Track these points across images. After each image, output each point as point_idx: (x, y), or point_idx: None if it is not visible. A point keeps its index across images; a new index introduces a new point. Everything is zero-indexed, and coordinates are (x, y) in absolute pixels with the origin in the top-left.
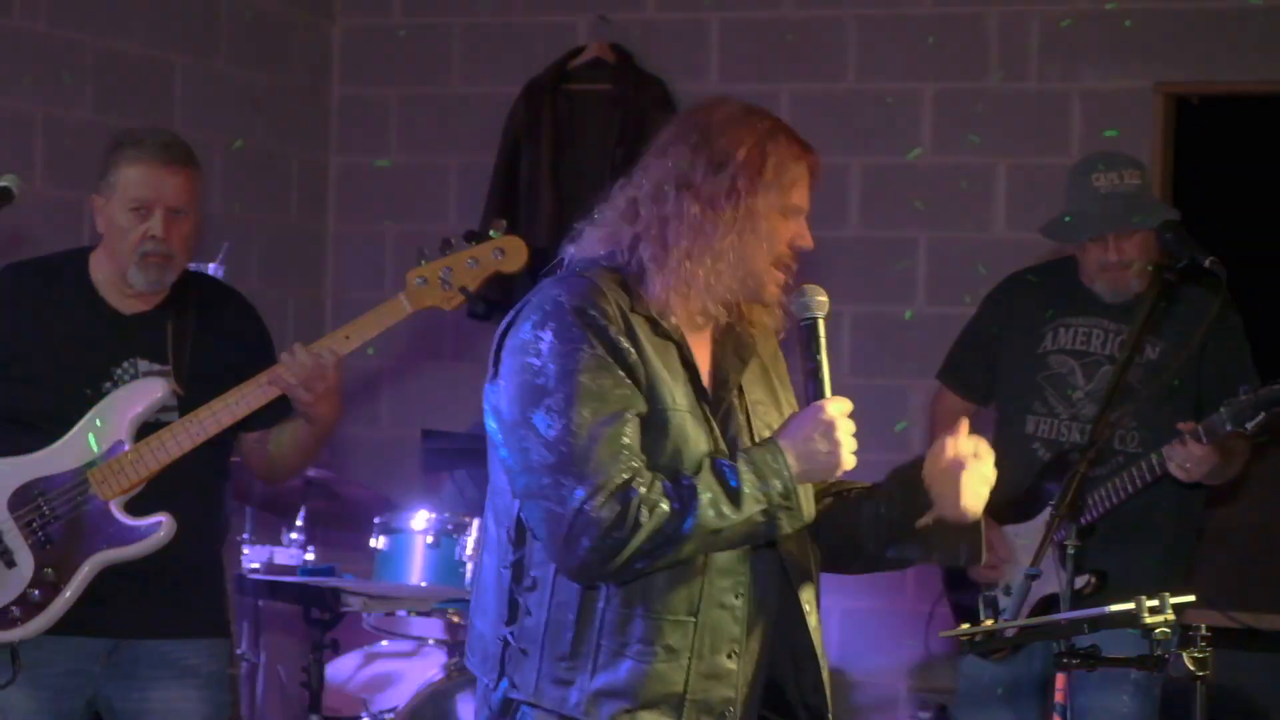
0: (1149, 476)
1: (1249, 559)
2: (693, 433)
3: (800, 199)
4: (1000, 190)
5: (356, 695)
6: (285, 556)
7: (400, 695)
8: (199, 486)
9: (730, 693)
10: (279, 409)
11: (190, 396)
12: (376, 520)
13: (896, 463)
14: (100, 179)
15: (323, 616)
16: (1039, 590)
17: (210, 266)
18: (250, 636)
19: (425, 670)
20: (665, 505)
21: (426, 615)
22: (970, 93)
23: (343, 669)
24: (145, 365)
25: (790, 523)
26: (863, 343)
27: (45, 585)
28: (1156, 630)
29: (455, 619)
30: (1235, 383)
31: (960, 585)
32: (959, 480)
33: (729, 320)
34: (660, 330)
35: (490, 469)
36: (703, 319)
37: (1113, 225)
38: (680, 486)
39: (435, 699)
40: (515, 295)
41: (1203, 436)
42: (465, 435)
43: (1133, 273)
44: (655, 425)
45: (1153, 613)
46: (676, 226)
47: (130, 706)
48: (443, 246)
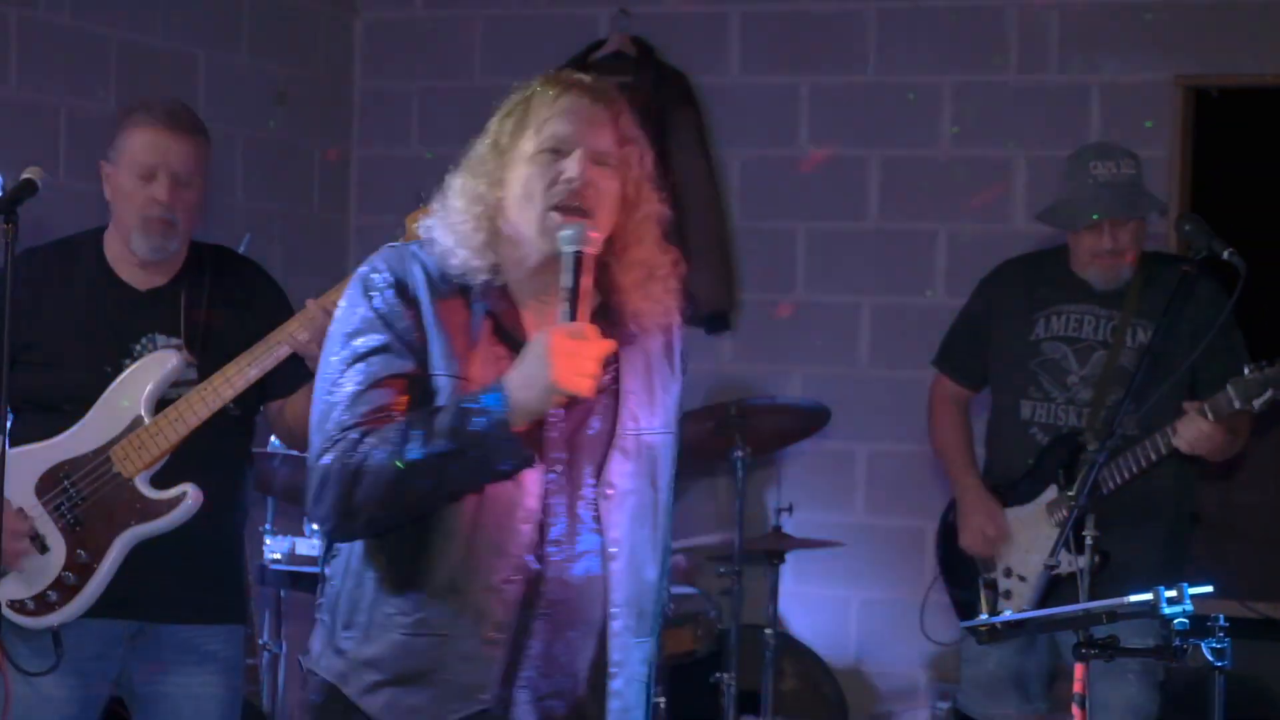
0: (1154, 455)
1: (1267, 548)
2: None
3: (559, 131)
4: (1020, 182)
5: None
6: (307, 547)
7: None
8: (221, 464)
9: (483, 678)
10: (295, 374)
11: (206, 366)
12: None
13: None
14: (110, 147)
15: None
16: (1040, 580)
17: None
18: (272, 627)
19: None
20: (379, 446)
21: None
22: (990, 85)
23: None
24: (163, 340)
25: (509, 458)
26: (882, 334)
27: (79, 567)
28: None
29: None
30: (1230, 363)
31: (956, 571)
32: None
33: (615, 315)
34: (471, 302)
35: None
36: (484, 264)
37: (1110, 212)
38: (400, 429)
39: None
40: None
41: (1208, 413)
42: None
43: (1125, 259)
44: (426, 388)
45: (1171, 603)
46: (465, 189)
47: (152, 690)
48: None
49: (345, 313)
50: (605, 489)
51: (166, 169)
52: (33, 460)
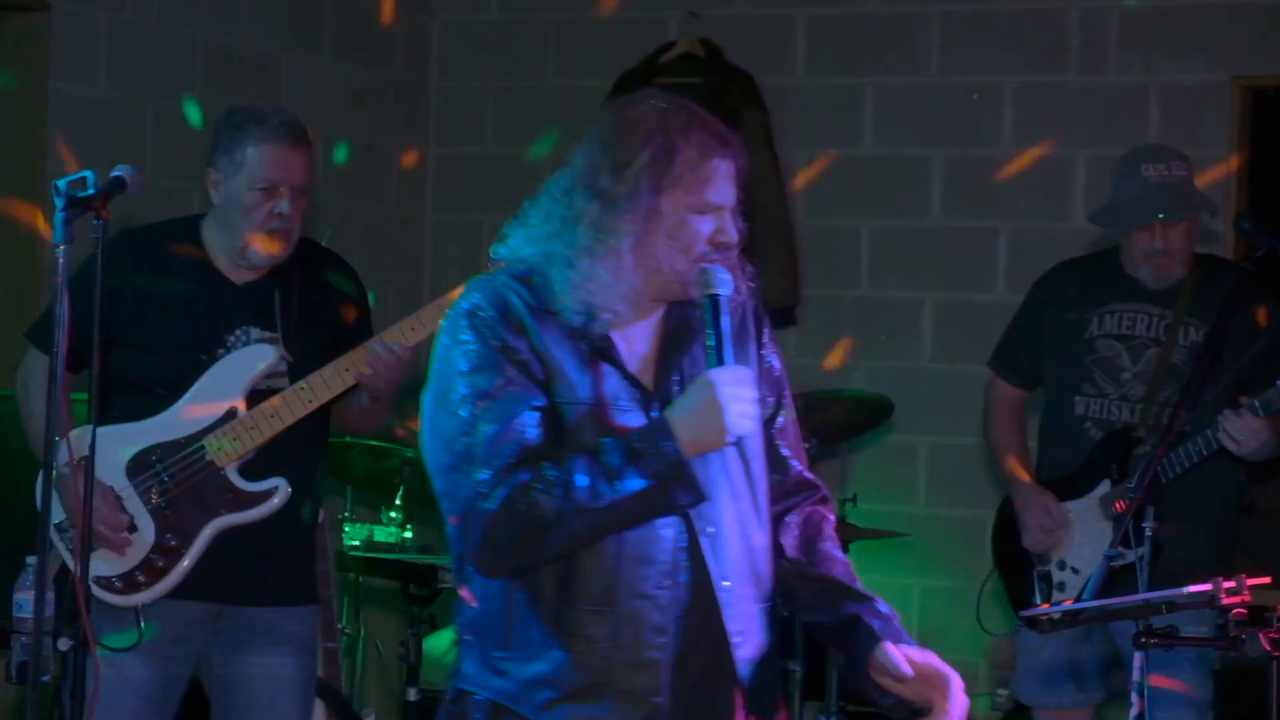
0: (1206, 451)
1: None
2: (598, 425)
3: (716, 195)
4: (1079, 181)
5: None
6: (384, 534)
7: None
8: (301, 454)
9: (653, 682)
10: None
11: (299, 362)
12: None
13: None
14: (219, 154)
15: (421, 592)
16: (1095, 563)
17: None
18: (351, 612)
19: None
20: (547, 491)
21: None
22: (1050, 86)
23: (440, 643)
24: (257, 333)
25: (687, 494)
26: (943, 330)
27: (167, 550)
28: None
29: None
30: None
31: (1011, 563)
32: (944, 692)
33: (679, 304)
34: (569, 328)
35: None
36: (609, 315)
37: (1161, 213)
38: (562, 470)
39: None
40: None
41: (1259, 410)
42: None
43: (1177, 259)
44: (557, 419)
45: (1229, 594)
46: (581, 226)
47: (231, 672)
48: None
49: (457, 350)
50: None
51: (288, 183)
52: (124, 440)
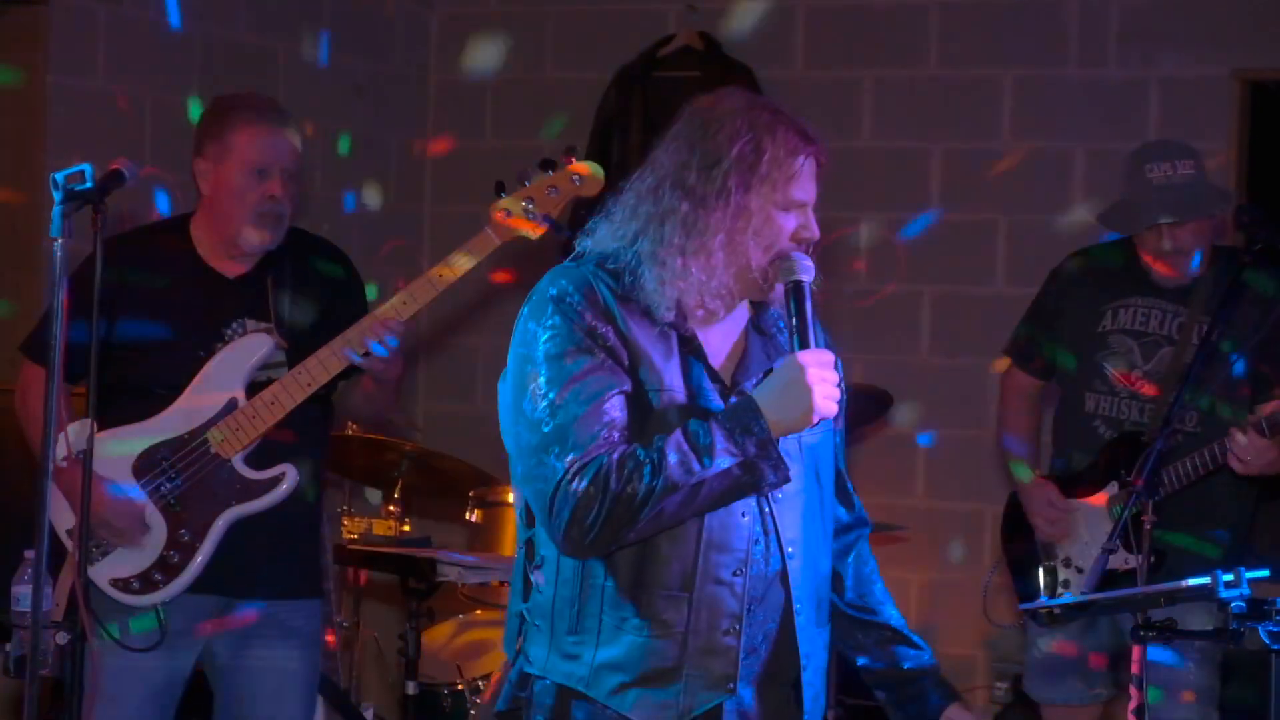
0: (1212, 464)
1: None
2: (683, 411)
3: (801, 193)
4: (1078, 175)
5: (451, 662)
6: (383, 528)
7: (493, 663)
8: (305, 444)
9: (729, 668)
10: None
11: (294, 349)
12: (471, 493)
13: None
14: (207, 142)
15: (419, 586)
16: (1098, 564)
17: None
18: (349, 605)
19: None
20: (637, 469)
21: None
22: (1049, 79)
23: (438, 637)
24: (252, 324)
25: (775, 472)
26: (942, 323)
27: (182, 545)
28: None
29: None
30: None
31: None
32: None
33: (759, 305)
34: (655, 319)
35: (510, 461)
36: (702, 313)
37: (1163, 216)
38: (651, 450)
39: None
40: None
41: (1265, 430)
42: None
43: (1189, 259)
44: (642, 404)
45: (1229, 587)
46: (671, 223)
47: (236, 663)
48: (520, 178)
49: (543, 334)
50: (777, 493)
51: (279, 165)
52: (129, 441)
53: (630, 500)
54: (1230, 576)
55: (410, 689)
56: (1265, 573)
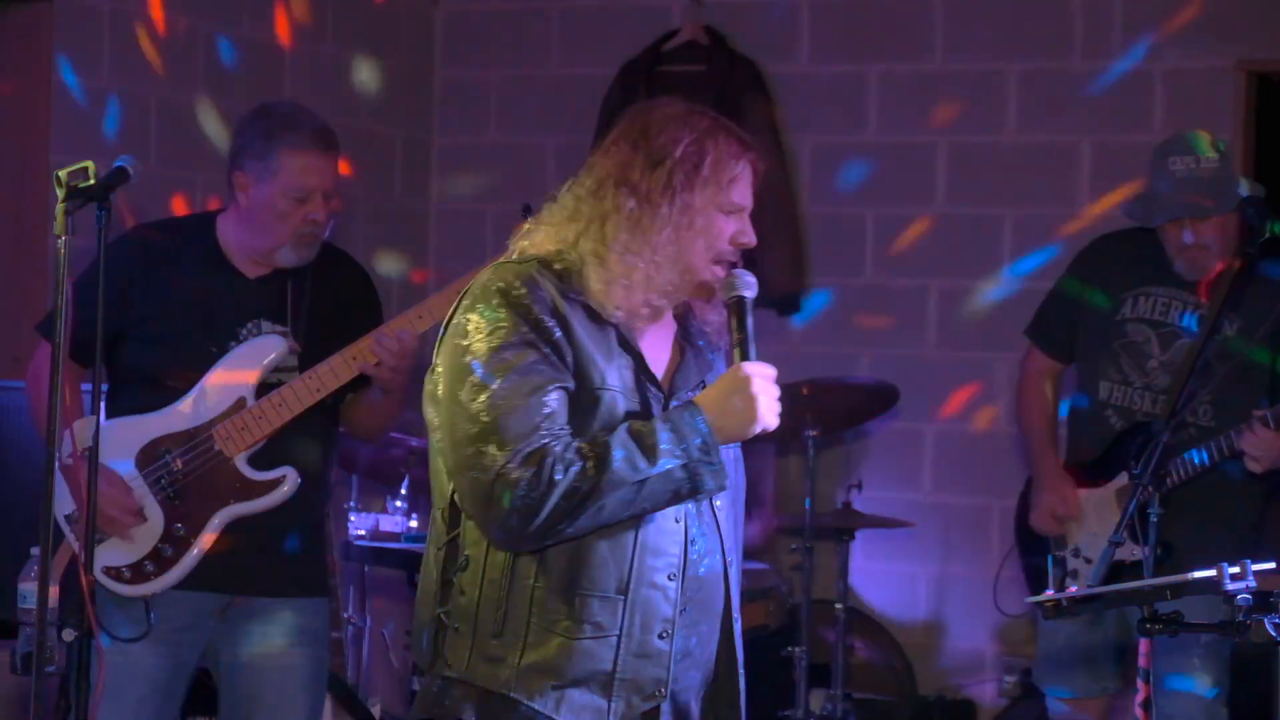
0: (1219, 455)
1: None
2: (624, 411)
3: (740, 197)
4: (1084, 167)
5: None
6: (390, 524)
7: None
8: (310, 444)
9: (661, 673)
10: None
11: (307, 355)
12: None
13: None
14: (248, 158)
15: None
16: (1104, 557)
17: None
18: (356, 601)
19: None
20: (579, 462)
21: None
22: (1054, 72)
23: None
24: (269, 326)
25: (714, 479)
26: (948, 317)
27: (176, 539)
28: (1238, 596)
29: None
30: None
31: (1031, 545)
32: None
33: (698, 325)
34: (597, 318)
35: (430, 457)
36: (647, 311)
37: (1186, 211)
38: (595, 445)
39: None
40: None
41: (1271, 423)
42: None
43: (1211, 253)
44: (584, 402)
45: (1234, 579)
46: (615, 221)
47: (240, 661)
48: (524, 213)
49: (485, 325)
50: (717, 499)
51: (321, 189)
52: (135, 432)
53: (573, 494)
54: (1236, 569)
55: (417, 685)
56: (1271, 564)
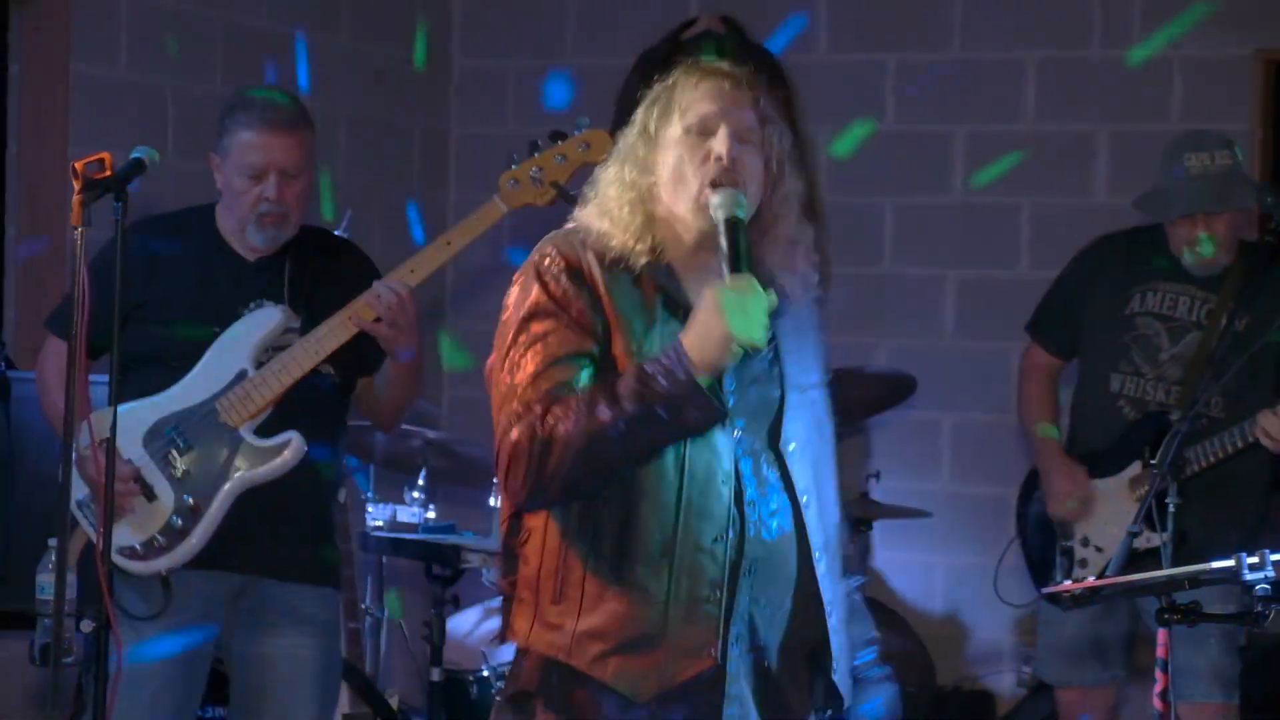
0: (1239, 444)
1: None
2: None
3: (707, 108)
4: (1102, 157)
5: (476, 649)
6: (407, 514)
7: None
8: (321, 429)
9: (710, 636)
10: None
11: (307, 328)
12: (495, 479)
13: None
14: (219, 139)
15: (444, 573)
16: (1119, 542)
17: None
18: (374, 592)
19: None
20: (565, 413)
21: None
22: (1073, 61)
23: (463, 623)
24: (270, 304)
25: (703, 412)
26: (966, 307)
27: (187, 511)
28: (1256, 586)
29: None
30: None
31: (1033, 536)
32: None
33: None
34: (642, 283)
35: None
36: (682, 251)
37: (1200, 206)
38: (581, 397)
39: None
40: None
41: None
42: None
43: (1221, 249)
44: (611, 368)
45: (1253, 569)
46: (632, 164)
47: (251, 651)
48: (530, 149)
49: (519, 298)
50: (786, 446)
51: (274, 167)
52: (141, 414)
53: (550, 442)
54: (1255, 559)
55: (435, 676)
56: None
